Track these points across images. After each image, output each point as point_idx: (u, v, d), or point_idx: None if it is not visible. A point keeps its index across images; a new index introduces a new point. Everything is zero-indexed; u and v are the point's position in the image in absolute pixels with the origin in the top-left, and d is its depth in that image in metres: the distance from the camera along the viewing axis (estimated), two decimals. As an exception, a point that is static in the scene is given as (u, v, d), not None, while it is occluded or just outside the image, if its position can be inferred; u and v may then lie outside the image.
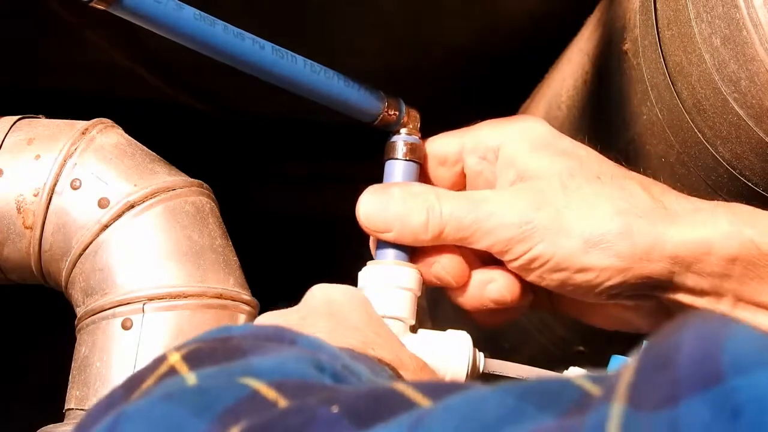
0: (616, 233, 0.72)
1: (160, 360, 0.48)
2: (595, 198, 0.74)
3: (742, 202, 0.82)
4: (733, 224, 0.73)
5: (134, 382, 0.47)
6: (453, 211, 0.75)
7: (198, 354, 0.47)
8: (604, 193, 0.74)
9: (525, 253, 0.74)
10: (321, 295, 0.71)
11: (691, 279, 0.74)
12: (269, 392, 0.41)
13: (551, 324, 1.28)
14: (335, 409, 0.38)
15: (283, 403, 0.40)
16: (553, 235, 0.73)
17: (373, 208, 0.77)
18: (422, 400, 0.38)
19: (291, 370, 0.45)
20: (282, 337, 0.51)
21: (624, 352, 0.79)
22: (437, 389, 0.39)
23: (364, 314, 0.70)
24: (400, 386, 0.40)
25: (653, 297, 0.76)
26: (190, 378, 0.44)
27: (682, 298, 0.75)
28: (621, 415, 0.32)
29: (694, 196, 0.92)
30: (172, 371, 0.46)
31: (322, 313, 0.68)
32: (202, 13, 0.72)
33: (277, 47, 0.76)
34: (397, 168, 0.84)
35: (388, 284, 0.78)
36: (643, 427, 0.31)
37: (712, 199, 0.79)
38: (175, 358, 0.47)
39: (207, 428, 0.40)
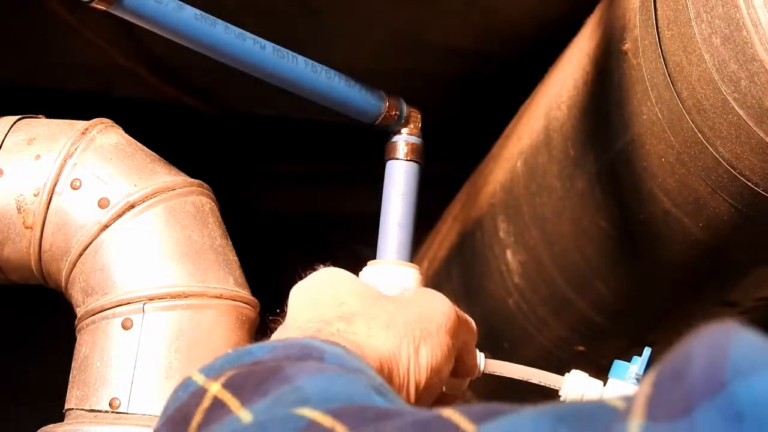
0: None
1: (199, 393, 0.48)
2: None
3: (741, 202, 0.82)
4: None
5: (180, 421, 0.47)
6: None
7: (238, 381, 0.48)
8: None
9: None
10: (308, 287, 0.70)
11: None
12: (325, 420, 0.42)
13: (551, 324, 1.28)
14: None
15: (340, 429, 0.42)
16: None
17: None
18: (468, 426, 0.40)
19: (339, 391, 0.46)
20: (310, 354, 0.52)
21: (623, 353, 0.79)
22: (483, 415, 0.40)
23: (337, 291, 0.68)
24: (448, 412, 0.41)
25: None
26: (245, 416, 0.45)
27: None
28: (639, 430, 0.33)
29: (694, 196, 0.93)
30: (220, 404, 0.47)
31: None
32: (203, 13, 0.72)
33: (278, 47, 0.76)
34: (398, 168, 0.84)
35: (389, 284, 0.78)
36: None
37: (712, 199, 0.79)
38: (215, 388, 0.47)
39: None
